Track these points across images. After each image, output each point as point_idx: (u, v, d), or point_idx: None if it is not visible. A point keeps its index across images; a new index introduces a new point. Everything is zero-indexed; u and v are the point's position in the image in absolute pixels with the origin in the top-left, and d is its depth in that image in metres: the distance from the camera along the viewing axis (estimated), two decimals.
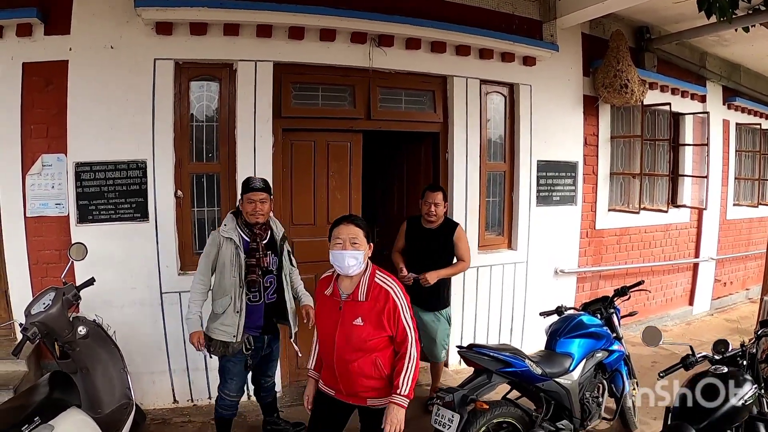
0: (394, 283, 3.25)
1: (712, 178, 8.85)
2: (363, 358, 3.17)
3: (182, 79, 5.18)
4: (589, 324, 4.60)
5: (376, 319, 3.15)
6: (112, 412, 4.17)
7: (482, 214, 6.48)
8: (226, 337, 4.20)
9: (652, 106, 7.79)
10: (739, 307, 10.20)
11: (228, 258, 4.20)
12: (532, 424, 4.07)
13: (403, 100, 6.05)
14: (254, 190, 4.23)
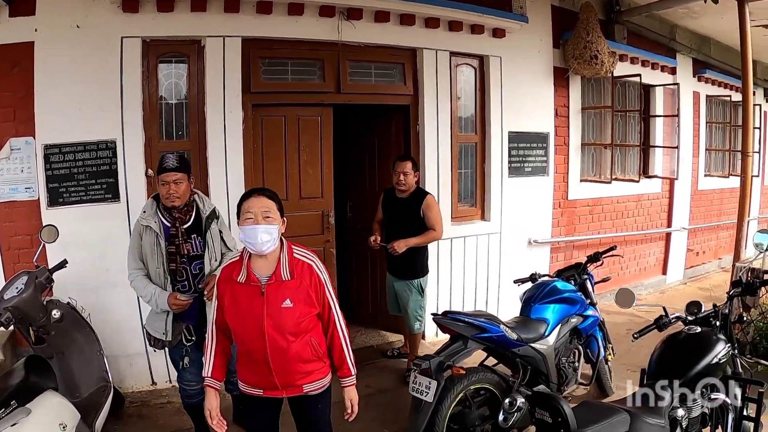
0: (314, 256, 3.02)
1: (683, 149, 8.97)
2: (298, 342, 2.92)
3: (150, 56, 5.11)
4: (563, 290, 4.64)
5: (305, 296, 2.90)
6: (90, 396, 4.11)
7: (454, 185, 6.51)
8: (157, 335, 3.91)
9: (622, 77, 7.87)
10: (712, 276, 10.40)
11: (149, 248, 3.79)
12: (510, 389, 4.03)
13: (373, 73, 6.03)
14: (167, 170, 3.71)
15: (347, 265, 6.90)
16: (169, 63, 5.24)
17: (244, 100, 5.36)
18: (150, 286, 3.78)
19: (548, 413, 2.65)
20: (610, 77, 7.63)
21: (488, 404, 4.08)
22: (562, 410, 2.58)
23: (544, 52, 7.11)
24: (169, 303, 3.72)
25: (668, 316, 3.65)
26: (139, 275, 3.83)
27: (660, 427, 2.97)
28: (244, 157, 5.35)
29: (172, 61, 5.25)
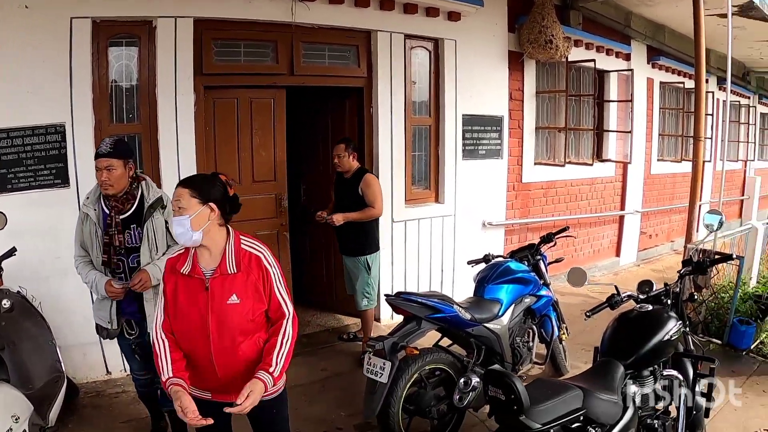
0: (264, 247, 2.73)
1: (637, 134, 9.16)
2: (247, 342, 2.66)
3: (100, 38, 4.96)
4: (517, 270, 4.68)
5: (254, 291, 2.65)
6: (43, 387, 3.98)
7: (408, 168, 6.53)
8: (102, 323, 3.71)
9: (577, 62, 7.97)
10: (665, 258, 10.63)
11: (88, 236, 3.60)
12: (464, 369, 4.07)
13: (326, 55, 6.00)
14: (98, 156, 3.44)
15: (301, 248, 6.87)
16: (119, 44, 5.10)
17: (195, 82, 5.26)
18: (92, 272, 3.60)
19: (501, 390, 2.61)
20: (565, 62, 7.72)
21: (443, 384, 4.09)
22: (514, 387, 2.54)
23: (499, 36, 7.16)
24: (105, 289, 3.52)
25: (620, 294, 3.68)
26: (82, 262, 3.67)
27: (613, 403, 3.00)
28: (196, 140, 5.27)
29: (122, 43, 5.12)
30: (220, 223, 2.64)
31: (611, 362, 3.26)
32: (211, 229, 2.60)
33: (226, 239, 2.65)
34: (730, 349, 5.73)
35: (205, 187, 2.60)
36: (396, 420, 3.83)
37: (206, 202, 2.56)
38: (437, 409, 4.03)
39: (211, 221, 2.58)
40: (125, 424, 4.51)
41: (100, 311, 3.71)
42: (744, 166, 14.53)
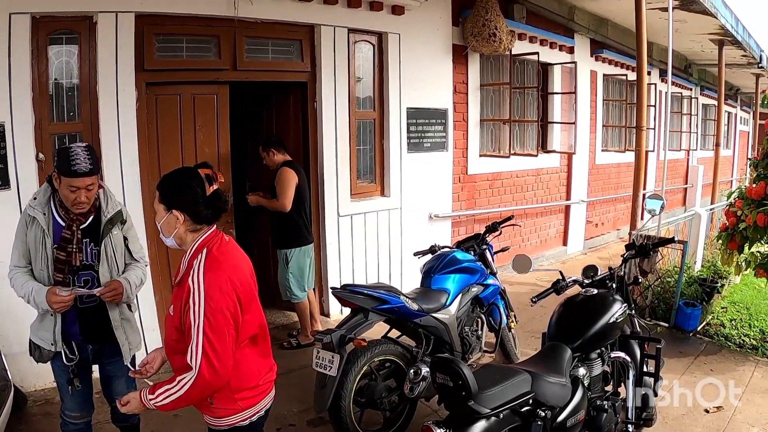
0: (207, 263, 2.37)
1: (581, 125, 9.38)
2: (178, 357, 2.42)
3: (40, 34, 4.84)
4: (463, 259, 4.73)
5: (178, 310, 2.40)
6: None
7: (353, 162, 6.56)
8: (43, 344, 3.21)
9: (520, 55, 8.12)
10: (611, 246, 10.94)
11: (33, 244, 3.08)
12: (414, 360, 4.10)
13: (270, 50, 5.99)
14: (78, 174, 2.94)
15: (249, 244, 6.82)
16: (59, 40, 4.99)
17: (137, 79, 5.18)
18: (30, 282, 3.07)
19: (449, 377, 2.60)
20: (509, 55, 7.85)
21: (394, 376, 4.13)
22: (461, 373, 2.53)
23: (443, 30, 7.24)
24: (48, 300, 2.98)
25: (565, 279, 3.77)
26: (20, 272, 3.12)
27: (561, 385, 3.06)
28: (139, 138, 5.19)
29: (62, 39, 5.00)
30: (192, 228, 2.44)
31: (559, 346, 3.32)
32: (183, 236, 2.44)
33: (190, 245, 2.45)
34: (677, 331, 5.94)
35: (171, 192, 2.42)
36: (348, 413, 3.84)
37: (170, 209, 2.39)
38: (388, 400, 4.05)
39: (179, 228, 2.41)
40: None
41: (41, 330, 3.21)
42: (687, 156, 14.95)
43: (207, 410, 2.51)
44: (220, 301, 2.30)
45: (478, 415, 2.63)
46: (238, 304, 2.38)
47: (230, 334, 2.34)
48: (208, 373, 2.26)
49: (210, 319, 2.27)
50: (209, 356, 2.26)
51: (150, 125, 5.38)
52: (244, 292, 2.44)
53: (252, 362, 2.55)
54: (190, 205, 2.40)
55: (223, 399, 2.46)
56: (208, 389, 2.33)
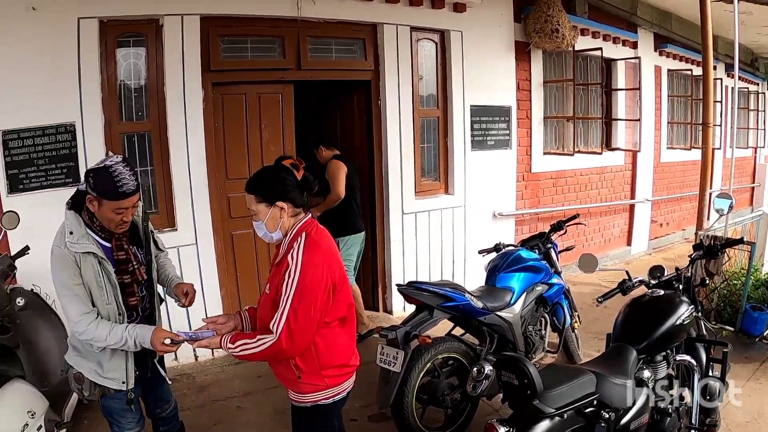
0: (307, 242, 2.54)
1: (645, 122, 9.12)
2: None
3: (108, 37, 5.00)
4: (528, 258, 4.66)
5: (274, 286, 2.56)
6: (58, 384, 3.92)
7: (417, 160, 6.55)
8: (112, 384, 2.88)
9: (583, 51, 7.95)
10: (676, 247, 10.59)
11: (93, 280, 2.73)
12: (477, 358, 4.05)
13: (333, 49, 6.01)
14: (128, 195, 2.67)
15: None
16: (127, 43, 5.14)
17: (204, 79, 5.29)
18: (116, 326, 2.71)
19: (514, 375, 2.59)
20: (572, 51, 7.71)
21: (456, 374, 4.10)
22: (527, 372, 2.52)
23: (505, 27, 7.15)
24: (154, 344, 2.69)
25: (631, 279, 3.70)
26: (92, 320, 2.70)
27: (626, 387, 2.98)
28: (205, 137, 5.31)
29: (130, 42, 5.15)
30: (293, 214, 2.62)
31: (624, 347, 3.25)
32: (285, 224, 2.60)
33: (286, 233, 2.62)
34: (743, 335, 5.68)
35: (268, 188, 2.58)
36: (410, 410, 3.83)
37: (273, 203, 2.56)
38: (451, 398, 4.03)
39: (283, 218, 2.59)
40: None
41: (109, 372, 2.87)
42: (754, 153, 14.42)
43: (293, 386, 2.66)
44: (313, 278, 2.47)
45: (542, 415, 2.61)
46: (329, 285, 2.54)
47: (315, 311, 2.47)
48: (285, 341, 2.42)
49: (300, 292, 2.44)
50: (291, 326, 2.42)
51: (216, 124, 5.48)
52: (337, 274, 2.60)
53: (340, 342, 2.68)
54: (288, 193, 2.58)
55: (312, 374, 2.60)
56: (281, 355, 2.50)
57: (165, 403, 3.36)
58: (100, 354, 2.82)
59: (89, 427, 4.42)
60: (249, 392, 4.95)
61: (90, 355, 2.85)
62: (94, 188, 2.64)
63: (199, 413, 4.41)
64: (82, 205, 2.79)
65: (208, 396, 4.91)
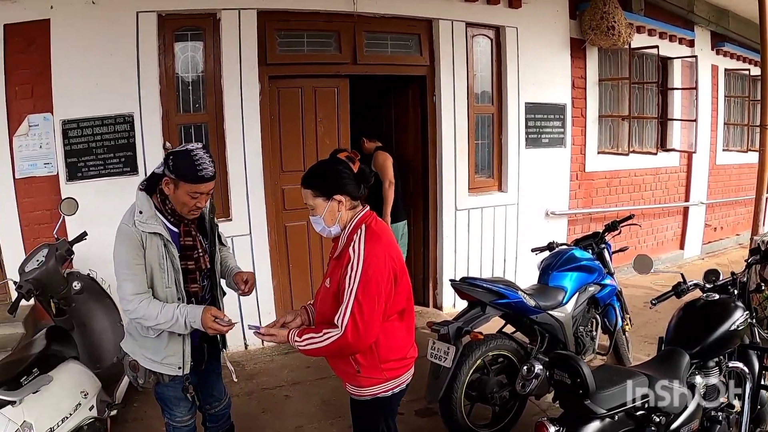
0: (369, 235, 2.53)
1: (701, 123, 8.87)
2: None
3: (166, 30, 5.13)
4: (581, 258, 4.59)
5: (336, 280, 2.54)
6: (111, 366, 4.08)
7: (471, 156, 6.52)
8: (168, 370, 2.92)
9: (639, 49, 7.79)
10: (730, 252, 10.26)
11: (156, 261, 2.77)
12: (527, 357, 4.03)
13: (389, 44, 6.02)
14: (206, 180, 2.70)
15: None
16: (185, 36, 5.26)
17: (260, 72, 5.37)
18: (166, 306, 2.73)
19: (567, 374, 2.57)
20: (627, 49, 7.56)
21: (506, 372, 4.09)
22: (581, 371, 2.50)
23: (560, 23, 7.05)
24: (204, 323, 2.71)
25: (686, 282, 3.61)
26: (145, 299, 2.73)
27: (678, 391, 2.92)
28: (261, 129, 5.39)
29: (187, 35, 5.27)
30: (351, 206, 2.59)
31: (677, 351, 3.18)
32: (343, 218, 2.58)
33: (345, 227, 2.59)
34: None
35: (325, 183, 2.55)
36: (458, 406, 3.83)
37: (330, 197, 2.53)
38: (499, 395, 4.01)
39: (341, 212, 2.56)
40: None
41: (167, 357, 2.90)
42: None
43: (352, 380, 2.66)
44: (376, 270, 2.45)
45: (593, 415, 2.58)
46: (392, 277, 2.52)
47: (379, 303, 2.46)
48: (351, 334, 2.41)
49: (364, 285, 2.42)
50: (356, 319, 2.40)
51: (272, 117, 5.55)
52: (398, 266, 2.57)
53: (400, 335, 2.66)
54: (346, 186, 2.54)
55: (371, 368, 2.59)
56: (347, 349, 2.48)
57: (216, 400, 3.38)
58: (157, 340, 2.86)
59: (138, 410, 4.55)
60: (297, 382, 5.01)
61: (146, 342, 2.90)
62: (173, 170, 2.67)
63: (247, 401, 4.45)
64: (154, 188, 2.83)
65: (256, 384, 4.98)
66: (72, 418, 3.30)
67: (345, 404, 4.11)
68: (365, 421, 2.78)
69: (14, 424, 2.93)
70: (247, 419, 4.15)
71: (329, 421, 4.37)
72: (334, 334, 2.42)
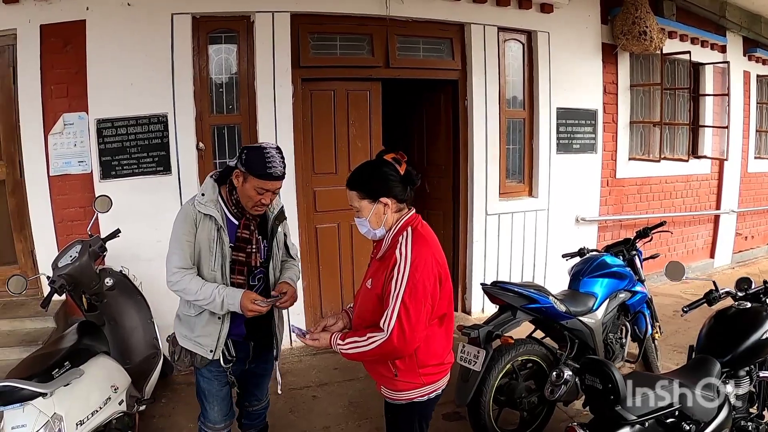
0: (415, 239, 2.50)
1: (733, 130, 8.76)
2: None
3: (200, 32, 5.20)
4: (612, 264, 4.56)
5: (380, 282, 2.51)
6: (141, 362, 4.20)
7: (503, 161, 6.49)
8: (200, 350, 3.00)
9: (671, 54, 7.70)
10: (761, 262, 10.12)
11: (206, 243, 2.88)
12: (557, 363, 4.04)
13: (421, 48, 6.02)
14: (275, 178, 2.79)
15: None
16: (218, 38, 5.33)
17: (293, 75, 5.41)
18: (207, 284, 2.84)
19: (598, 379, 2.59)
20: (659, 54, 7.46)
21: (535, 377, 4.10)
22: (612, 376, 2.52)
23: (592, 28, 7.01)
24: (243, 305, 2.80)
25: (718, 290, 3.61)
26: (189, 274, 2.87)
27: (709, 400, 2.92)
28: (294, 131, 5.42)
29: (221, 37, 5.34)
30: (397, 209, 2.56)
31: (707, 359, 3.18)
32: (389, 220, 2.56)
33: (391, 228, 2.57)
34: None
35: (372, 185, 2.53)
36: (486, 410, 3.83)
37: (376, 199, 2.51)
38: (528, 401, 4.02)
39: (387, 213, 2.54)
40: None
41: (201, 336, 2.99)
42: None
43: (389, 384, 2.62)
44: (423, 273, 2.41)
45: (624, 422, 2.58)
46: (437, 281, 2.47)
47: (426, 307, 2.43)
48: (397, 338, 2.37)
49: (411, 288, 2.38)
50: (402, 323, 2.37)
51: (305, 119, 5.59)
52: (443, 271, 2.53)
53: (439, 340, 2.61)
54: (393, 188, 2.51)
55: (409, 372, 2.56)
56: (392, 354, 2.45)
57: (257, 400, 3.43)
58: (196, 318, 2.97)
59: (166, 406, 4.64)
60: (325, 383, 5.04)
61: (187, 319, 3.03)
62: (244, 163, 2.78)
63: (275, 400, 4.46)
64: (225, 180, 2.97)
65: (284, 384, 4.91)
66: (102, 411, 3.38)
67: (372, 406, 4.15)
68: (400, 426, 2.75)
69: (45, 416, 3.01)
70: (275, 418, 4.15)
71: (356, 422, 4.40)
72: (379, 338, 2.40)
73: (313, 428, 4.37)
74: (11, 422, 2.97)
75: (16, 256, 5.34)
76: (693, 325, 3.66)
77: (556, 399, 2.85)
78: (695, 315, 3.69)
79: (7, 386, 2.95)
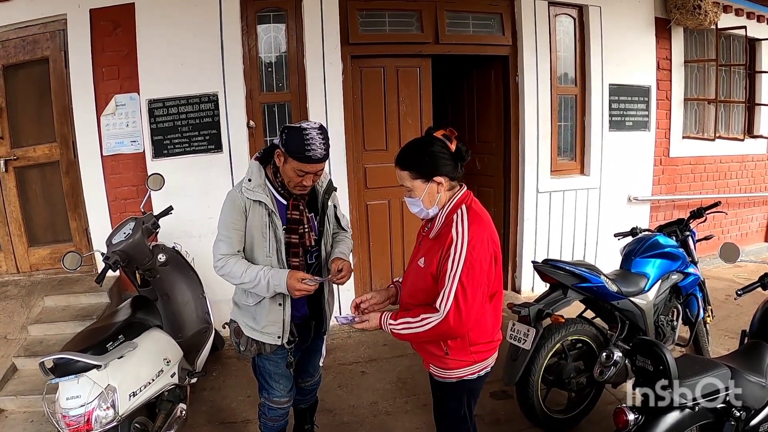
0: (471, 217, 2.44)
1: None
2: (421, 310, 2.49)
3: (249, 12, 5.24)
4: (665, 244, 4.45)
5: (435, 261, 2.45)
6: (192, 336, 4.30)
7: (554, 138, 6.38)
8: (267, 339, 2.99)
9: (726, 29, 7.46)
10: None
11: (258, 229, 2.84)
12: (606, 343, 3.97)
13: (470, 23, 5.93)
14: (314, 161, 2.69)
15: None
16: (267, 18, 5.36)
17: (342, 52, 5.41)
18: (252, 266, 2.81)
19: (650, 361, 2.56)
20: (714, 29, 7.23)
21: (584, 357, 4.03)
22: (664, 358, 2.48)
23: (644, 2, 6.81)
24: (290, 286, 2.74)
25: None
26: (234, 258, 2.85)
27: (761, 386, 2.84)
28: (344, 108, 5.43)
29: (270, 16, 5.37)
30: (449, 187, 2.51)
31: (761, 344, 3.10)
32: (443, 198, 2.50)
33: (444, 206, 2.51)
34: None
35: (424, 165, 2.46)
36: (535, 389, 3.80)
37: (430, 179, 2.45)
38: (576, 381, 3.94)
39: (441, 192, 2.48)
40: None
41: (267, 326, 2.97)
42: None
43: (438, 362, 2.60)
44: (480, 253, 2.37)
45: (674, 406, 2.55)
46: (492, 260, 2.45)
47: (482, 287, 2.40)
48: (453, 318, 2.34)
49: (468, 268, 2.34)
50: (459, 303, 2.33)
51: (355, 96, 5.59)
52: (497, 249, 2.49)
53: (489, 318, 2.58)
54: (444, 166, 2.46)
55: (460, 350, 2.53)
56: (447, 334, 2.42)
57: (309, 376, 3.48)
58: (257, 308, 2.95)
59: (217, 379, 4.76)
60: (374, 359, 5.08)
61: (247, 309, 3.01)
62: (284, 145, 2.71)
63: (323, 375, 4.49)
64: (269, 159, 2.91)
65: (333, 359, 5.06)
66: (154, 383, 3.45)
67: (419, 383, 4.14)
68: (449, 404, 2.72)
69: (99, 387, 3.08)
70: (323, 393, 4.19)
71: (404, 399, 4.40)
72: (434, 318, 2.36)
73: (361, 404, 4.40)
74: (66, 393, 3.04)
75: (71, 233, 5.49)
76: (745, 310, 3.57)
77: (605, 380, 2.80)
78: (747, 300, 3.61)
79: (63, 358, 3.05)
